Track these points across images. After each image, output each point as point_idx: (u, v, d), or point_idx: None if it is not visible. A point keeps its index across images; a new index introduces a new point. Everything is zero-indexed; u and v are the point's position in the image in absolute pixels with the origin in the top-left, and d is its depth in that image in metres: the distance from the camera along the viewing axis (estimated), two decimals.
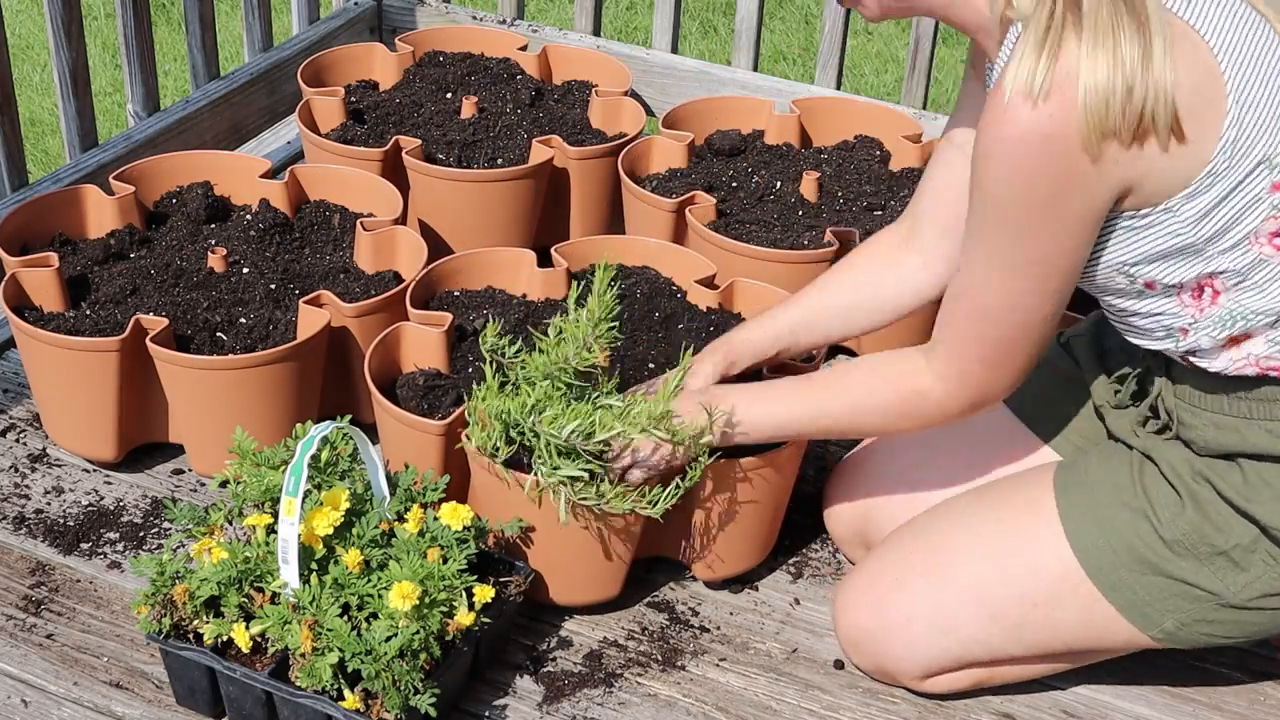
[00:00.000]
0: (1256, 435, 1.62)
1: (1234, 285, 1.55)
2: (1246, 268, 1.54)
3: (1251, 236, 1.52)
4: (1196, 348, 1.61)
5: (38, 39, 4.12)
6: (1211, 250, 1.53)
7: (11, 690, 1.78)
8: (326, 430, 1.67)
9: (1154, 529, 1.66)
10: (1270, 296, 1.55)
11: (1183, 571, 1.65)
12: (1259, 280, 1.55)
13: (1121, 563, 1.67)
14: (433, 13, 3.17)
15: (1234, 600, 1.65)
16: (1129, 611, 1.68)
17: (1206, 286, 1.57)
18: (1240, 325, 1.58)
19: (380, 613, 1.63)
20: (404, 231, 2.22)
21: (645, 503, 1.74)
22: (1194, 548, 1.65)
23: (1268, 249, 1.53)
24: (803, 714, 1.82)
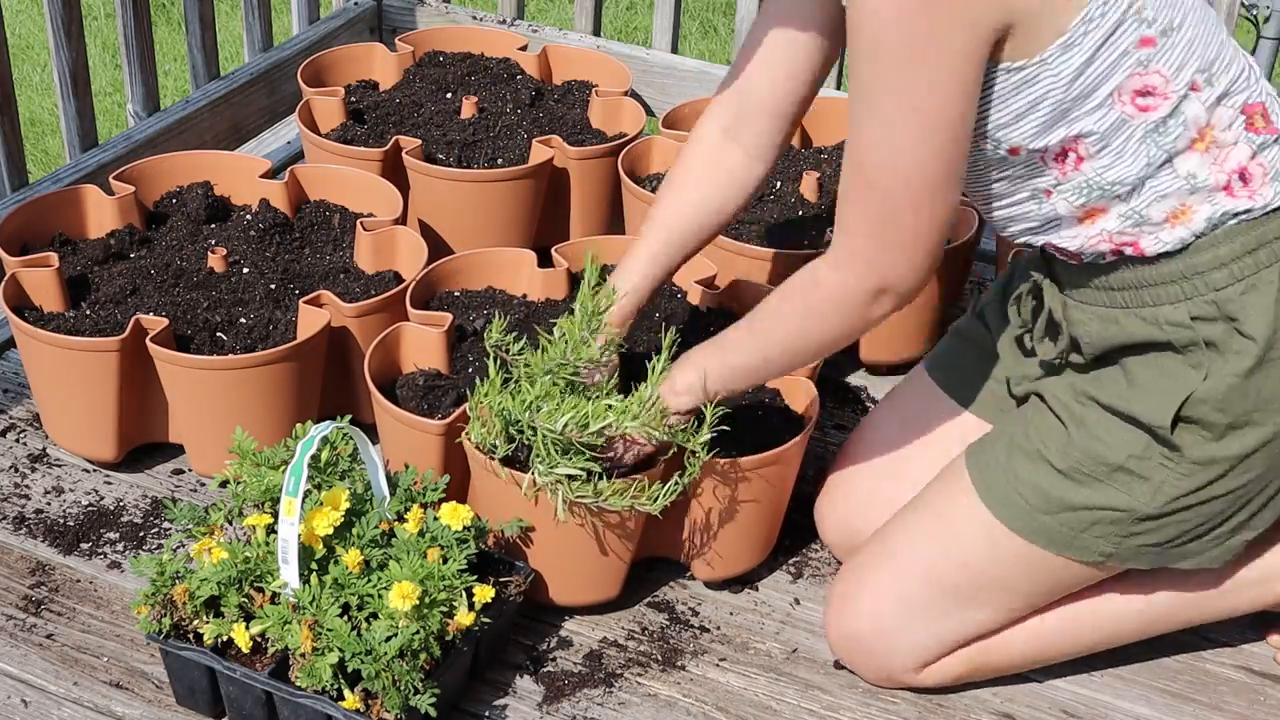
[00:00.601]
0: (1133, 324, 1.63)
1: (1097, 150, 1.55)
2: (1109, 129, 1.54)
3: (1116, 94, 1.52)
4: (1055, 215, 1.62)
5: (38, 39, 4.12)
6: (1078, 110, 1.53)
7: (11, 690, 1.78)
8: (326, 430, 1.67)
9: (1048, 464, 1.68)
10: (1126, 164, 1.56)
11: (1089, 498, 1.66)
12: (1118, 146, 1.55)
13: (1035, 507, 1.69)
14: (433, 13, 3.17)
15: (1149, 510, 1.65)
16: (1062, 550, 1.69)
17: (1070, 151, 1.57)
18: (1096, 196, 1.58)
19: (380, 613, 1.63)
20: (404, 231, 2.22)
21: (644, 500, 1.74)
22: (1091, 471, 1.66)
23: (1130, 108, 1.53)
24: (803, 714, 1.82)
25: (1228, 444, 1.62)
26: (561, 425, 1.70)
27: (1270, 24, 3.25)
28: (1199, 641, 1.95)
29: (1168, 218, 1.58)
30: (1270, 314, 1.58)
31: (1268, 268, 1.59)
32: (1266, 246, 1.59)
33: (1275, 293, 1.58)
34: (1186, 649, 1.94)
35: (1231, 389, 1.59)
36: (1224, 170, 1.57)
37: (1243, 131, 1.58)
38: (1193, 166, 1.57)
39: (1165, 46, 1.52)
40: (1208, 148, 1.57)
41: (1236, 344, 1.59)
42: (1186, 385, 1.61)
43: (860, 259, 1.58)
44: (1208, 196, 1.58)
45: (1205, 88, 1.55)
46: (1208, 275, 1.59)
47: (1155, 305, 1.62)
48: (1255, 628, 1.97)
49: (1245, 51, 1.64)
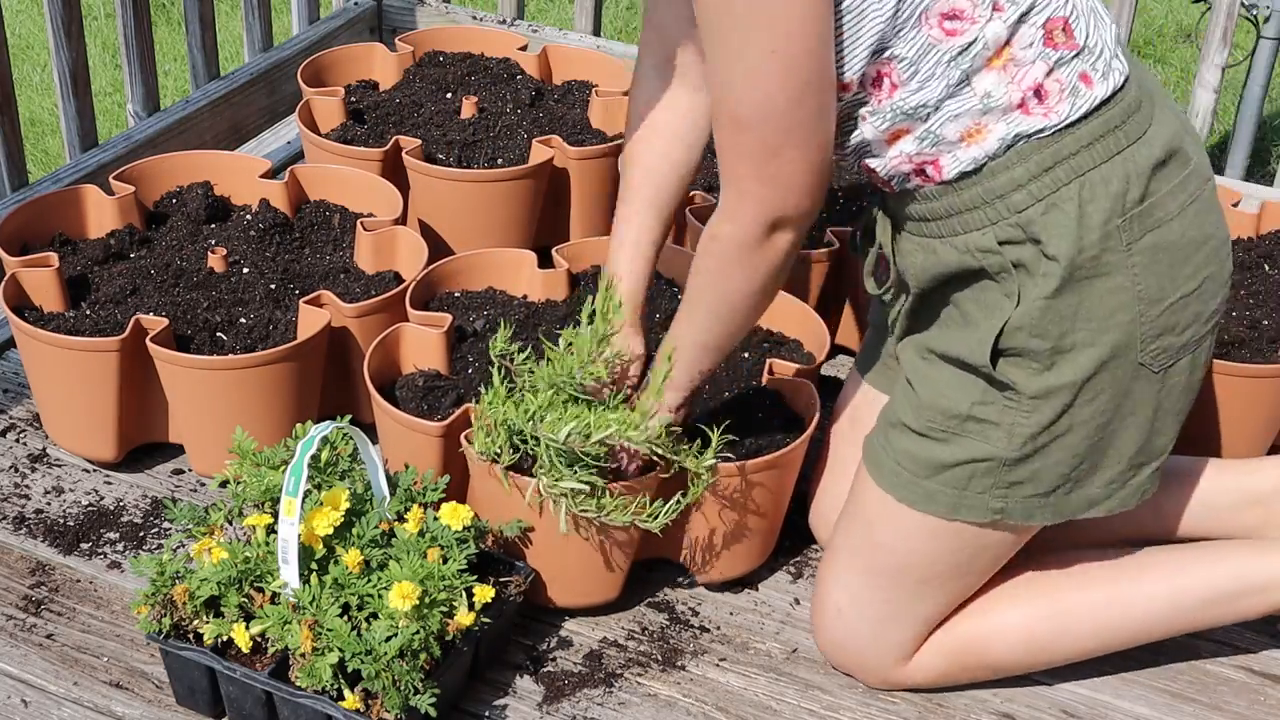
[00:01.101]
0: (948, 253, 1.64)
1: (907, 77, 1.55)
2: (917, 54, 1.54)
3: (924, 15, 1.52)
4: (863, 139, 1.62)
5: (38, 39, 4.12)
6: (892, 35, 1.53)
7: (11, 690, 1.78)
8: (326, 430, 1.67)
9: (907, 429, 1.69)
10: (926, 90, 1.55)
11: (954, 453, 1.66)
12: (925, 71, 1.54)
13: (915, 475, 1.69)
14: (433, 13, 3.17)
15: (1013, 454, 1.65)
16: (954, 513, 1.69)
17: (884, 76, 1.56)
18: (901, 120, 1.58)
19: (380, 613, 1.63)
20: (404, 232, 2.22)
21: (645, 517, 1.74)
22: (945, 426, 1.67)
23: (936, 31, 1.53)
24: (803, 714, 1.82)
25: (1060, 372, 1.60)
26: (564, 435, 1.70)
27: (1270, 24, 3.25)
28: (1199, 641, 1.95)
29: (962, 137, 1.58)
30: (1072, 232, 1.56)
31: (1066, 185, 1.57)
32: (1063, 163, 1.57)
33: (1075, 210, 1.56)
34: (1186, 649, 1.94)
35: (1043, 312, 1.58)
36: (1019, 88, 1.56)
37: (1041, 48, 1.56)
38: (989, 85, 1.56)
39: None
40: (1005, 65, 1.55)
41: (1043, 266, 1.58)
42: (1001, 315, 1.60)
43: (751, 202, 1.56)
44: (1002, 115, 1.57)
45: (1008, 6, 1.53)
46: (1009, 198, 1.58)
47: (964, 232, 1.62)
48: (1255, 627, 1.97)
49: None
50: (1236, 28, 2.88)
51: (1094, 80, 1.58)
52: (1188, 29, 4.33)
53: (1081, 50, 1.57)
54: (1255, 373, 2.04)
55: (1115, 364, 1.60)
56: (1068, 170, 1.57)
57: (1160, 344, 1.62)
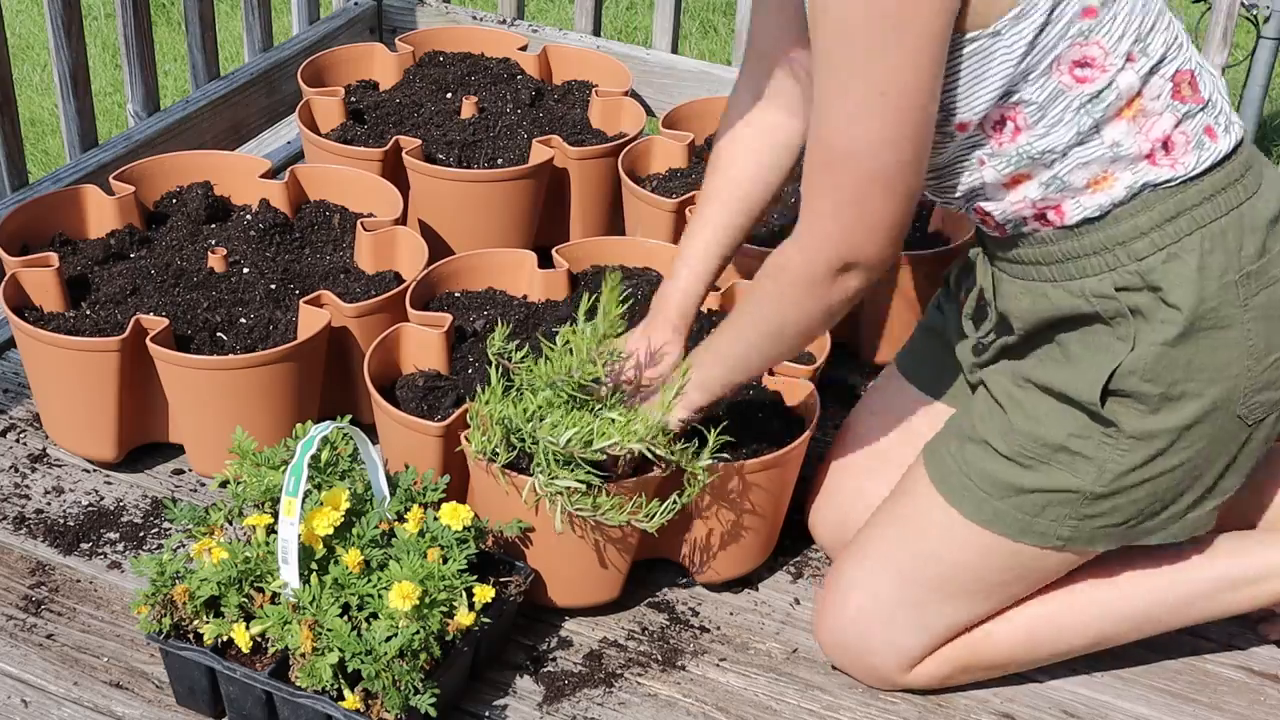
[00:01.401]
0: (1060, 297, 1.64)
1: (1034, 121, 1.55)
2: (1047, 99, 1.54)
3: (1055, 63, 1.52)
4: (982, 182, 1.62)
5: (38, 39, 4.12)
6: (1022, 82, 1.54)
7: (11, 690, 1.78)
8: (326, 430, 1.67)
9: (993, 450, 1.69)
10: (1055, 135, 1.56)
11: (1037, 481, 1.67)
12: (1053, 116, 1.55)
13: (988, 494, 1.70)
14: (433, 13, 3.17)
15: (1099, 489, 1.65)
16: (1020, 535, 1.70)
17: (1009, 120, 1.57)
18: (1025, 165, 1.58)
19: (380, 613, 1.63)
20: (404, 232, 2.22)
21: (641, 516, 1.74)
22: (1035, 454, 1.67)
23: (1067, 78, 1.53)
24: (803, 714, 1.82)
25: (1164, 417, 1.62)
26: (565, 440, 1.70)
27: (1270, 24, 3.25)
28: (1199, 641, 1.95)
29: (1089, 184, 1.59)
30: (1194, 282, 1.58)
31: (1188, 235, 1.59)
32: (1186, 214, 1.59)
33: (1197, 260, 1.58)
34: (1186, 649, 1.94)
35: (1159, 358, 1.59)
36: (1149, 139, 1.58)
37: (1169, 100, 1.58)
38: (1118, 134, 1.57)
39: (1105, 18, 1.52)
40: (1134, 116, 1.57)
41: (1162, 313, 1.59)
42: (1114, 357, 1.61)
43: (828, 239, 1.56)
44: (1130, 164, 1.58)
45: (1140, 58, 1.55)
46: (1130, 245, 1.59)
47: (1080, 277, 1.63)
48: (1255, 627, 1.97)
49: (1174, 15, 1.64)
50: (1236, 28, 2.89)
51: (1217, 134, 1.61)
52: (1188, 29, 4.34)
53: (1206, 104, 1.60)
54: None
55: (1217, 414, 1.63)
56: (1190, 221, 1.59)
57: (1260, 398, 1.64)
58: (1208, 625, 1.95)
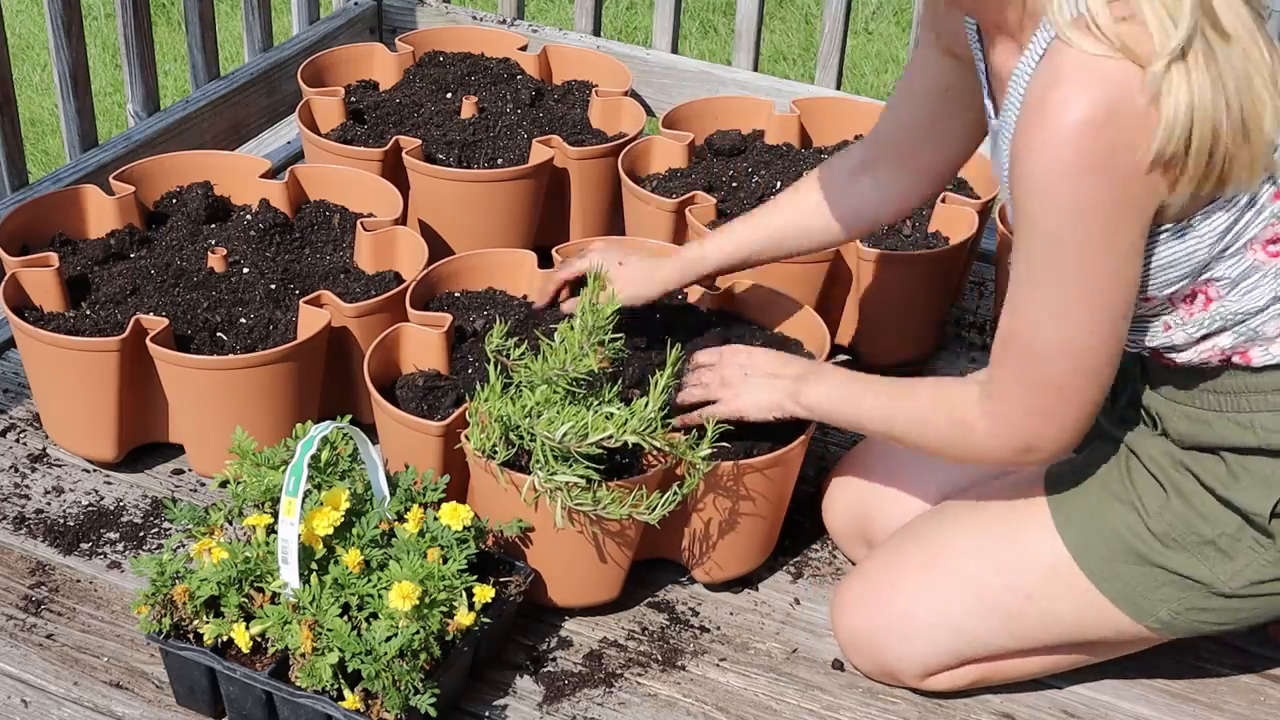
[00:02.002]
0: (1225, 428, 1.62)
1: (1226, 294, 1.55)
2: (1240, 275, 1.54)
3: (1249, 243, 1.53)
4: (1171, 344, 1.61)
5: (38, 39, 4.12)
6: (1213, 261, 1.53)
7: (11, 690, 1.78)
8: (326, 430, 1.67)
9: (1142, 520, 1.67)
10: (1250, 299, 1.56)
11: (1172, 562, 1.66)
12: (1246, 286, 1.55)
13: (1112, 553, 1.68)
14: (433, 13, 3.17)
15: (1225, 589, 1.65)
16: (1121, 602, 1.68)
17: (1200, 294, 1.57)
18: (1217, 325, 1.58)
19: (380, 613, 1.63)
20: (404, 232, 2.22)
21: (642, 509, 1.74)
22: (1182, 538, 1.65)
23: (1261, 255, 1.53)
24: (803, 714, 1.82)
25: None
26: (561, 435, 1.70)
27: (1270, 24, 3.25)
28: (1199, 642, 1.95)
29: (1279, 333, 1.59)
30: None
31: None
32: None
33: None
34: (1186, 649, 1.94)
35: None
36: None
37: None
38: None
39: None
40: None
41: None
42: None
43: (1020, 430, 1.56)
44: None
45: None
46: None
47: (1253, 412, 1.61)
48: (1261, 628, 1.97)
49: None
50: None
51: None
52: None
53: None
54: None
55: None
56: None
57: None
58: None
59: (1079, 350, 1.50)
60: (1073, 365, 1.51)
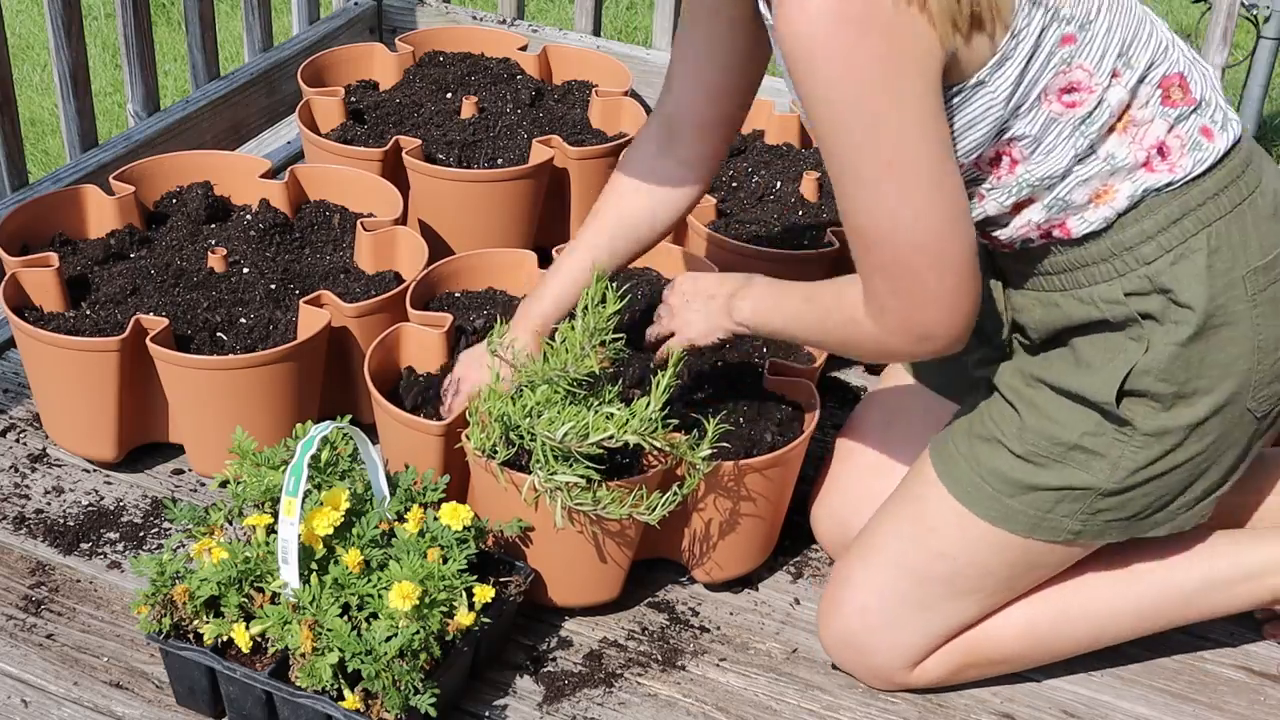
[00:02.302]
0: (1071, 306, 1.65)
1: (1030, 153, 1.56)
2: (1040, 130, 1.55)
3: (1043, 94, 1.53)
4: (985, 214, 1.63)
5: (38, 39, 4.12)
6: (1012, 118, 1.54)
7: (11, 690, 1.78)
8: (326, 430, 1.67)
9: (1006, 449, 1.69)
10: (1052, 160, 1.56)
11: (1050, 479, 1.68)
12: (1048, 144, 1.55)
13: (999, 491, 1.70)
14: (433, 13, 3.17)
15: (1112, 485, 1.66)
16: (1031, 532, 1.70)
17: (1004, 155, 1.58)
18: (1025, 193, 1.59)
19: (380, 613, 1.63)
20: (404, 232, 2.22)
21: (643, 509, 1.74)
22: (1048, 452, 1.67)
23: (1057, 106, 1.54)
24: (803, 714, 1.82)
25: (1178, 414, 1.63)
26: (561, 435, 1.70)
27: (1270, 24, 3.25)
28: (1199, 641, 1.95)
29: (1090, 199, 1.59)
30: (1204, 281, 1.59)
31: (1194, 235, 1.59)
32: (1191, 215, 1.59)
33: (1205, 259, 1.59)
34: (1186, 649, 1.94)
35: (1173, 358, 1.61)
36: (1143, 148, 1.58)
37: (1159, 106, 1.58)
38: (1112, 148, 1.57)
39: (1085, 40, 1.53)
40: (1125, 127, 1.57)
41: (1174, 314, 1.60)
42: (1128, 359, 1.62)
43: (893, 315, 1.55)
44: (1128, 175, 1.58)
45: (1125, 71, 1.55)
46: (1136, 250, 1.60)
47: (1090, 285, 1.63)
48: (1255, 627, 1.97)
49: (1157, 17, 1.64)
50: (1236, 28, 2.88)
51: (1214, 133, 1.61)
52: (1188, 29, 4.33)
53: (1199, 105, 1.60)
54: None
55: (1228, 409, 1.64)
56: (1195, 221, 1.59)
57: (1269, 390, 1.65)
58: (1208, 625, 1.95)
59: (909, 225, 1.48)
60: (909, 240, 1.48)
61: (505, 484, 1.76)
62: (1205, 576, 1.81)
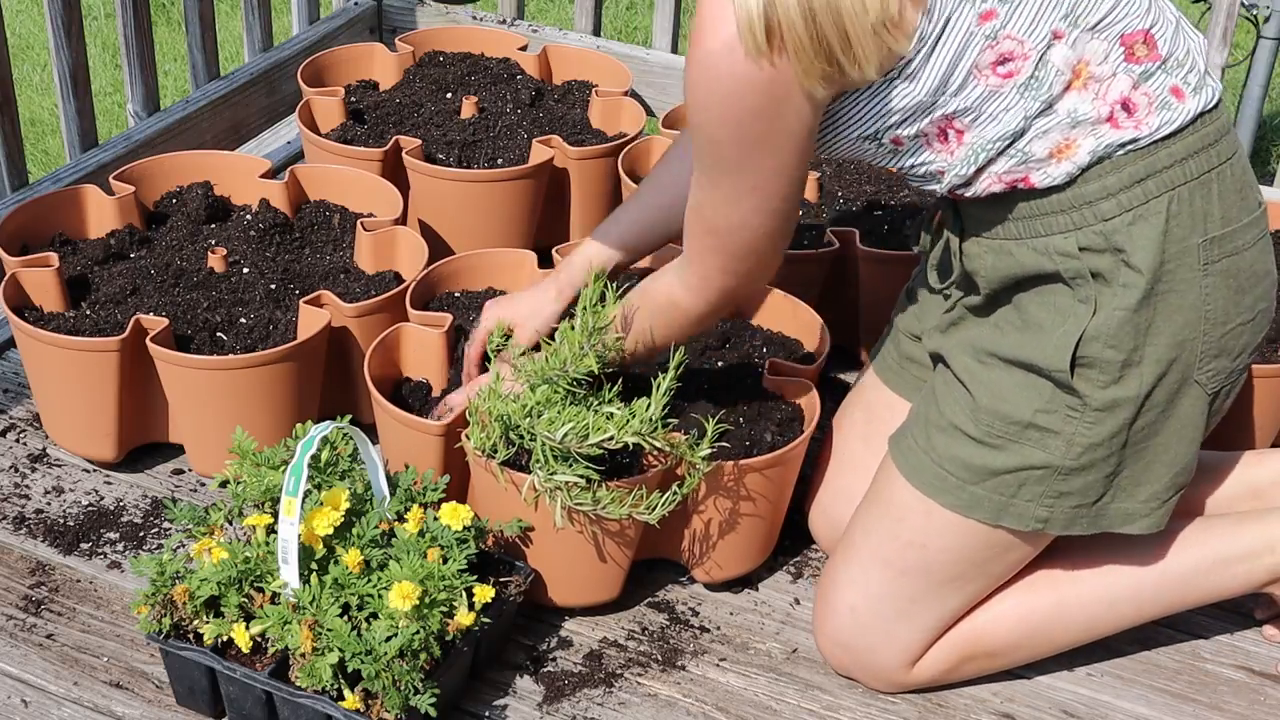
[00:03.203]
0: (1025, 254, 1.64)
1: (972, 122, 1.56)
2: (979, 102, 1.55)
3: (974, 71, 1.53)
4: (951, 185, 1.64)
5: (38, 39, 4.12)
6: (942, 98, 1.54)
7: (11, 690, 1.78)
8: (326, 430, 1.67)
9: (964, 434, 1.69)
10: (1004, 122, 1.56)
11: (1008, 461, 1.67)
12: (993, 111, 1.55)
13: (962, 480, 1.70)
14: (433, 13, 3.17)
15: (1069, 463, 1.66)
16: (998, 518, 1.70)
17: (949, 129, 1.58)
18: (985, 155, 1.59)
19: (380, 613, 1.63)
20: (404, 232, 2.22)
21: (642, 509, 1.74)
22: (1004, 432, 1.67)
23: (994, 79, 1.53)
24: (803, 714, 1.82)
25: (1126, 384, 1.62)
26: (561, 435, 1.71)
27: (1270, 24, 3.25)
28: (1199, 642, 1.95)
29: (1052, 153, 1.58)
30: (1157, 245, 1.58)
31: (1156, 198, 1.58)
32: (1155, 176, 1.58)
33: (1163, 224, 1.58)
34: (1186, 649, 1.94)
35: (1122, 324, 1.60)
36: (1105, 102, 1.56)
37: (1122, 63, 1.56)
38: (1072, 104, 1.56)
39: (1008, 12, 1.51)
40: (1085, 84, 1.56)
41: (1124, 276, 1.59)
42: (1078, 322, 1.61)
43: (715, 285, 1.69)
44: (1090, 129, 1.57)
45: (1070, 30, 1.53)
46: (1096, 205, 1.59)
47: (1046, 235, 1.62)
48: (1255, 627, 1.97)
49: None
50: (1236, 28, 2.89)
51: (1185, 94, 1.59)
52: None
53: (1165, 61, 1.58)
54: (1257, 372, 2.04)
55: (1172, 378, 1.63)
56: (1159, 183, 1.58)
57: (1215, 365, 1.65)
58: (1208, 625, 1.95)
59: (753, 226, 1.62)
60: (749, 237, 1.63)
61: (505, 484, 1.76)
62: (1200, 559, 1.80)
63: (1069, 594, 1.80)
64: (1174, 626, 1.96)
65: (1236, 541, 1.81)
